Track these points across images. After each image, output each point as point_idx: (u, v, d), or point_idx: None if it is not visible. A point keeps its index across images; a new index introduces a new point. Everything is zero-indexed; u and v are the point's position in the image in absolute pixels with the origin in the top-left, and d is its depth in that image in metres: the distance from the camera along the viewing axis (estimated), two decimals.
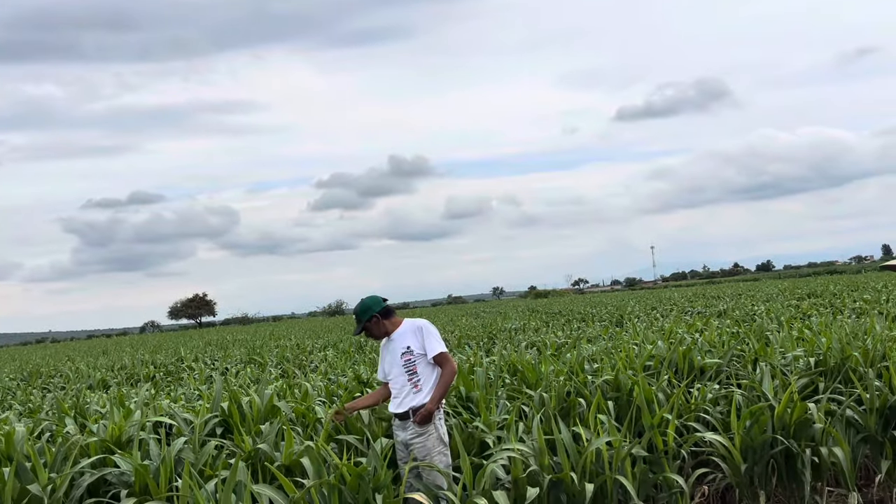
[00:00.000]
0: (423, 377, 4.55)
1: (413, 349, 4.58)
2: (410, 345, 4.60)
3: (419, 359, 4.57)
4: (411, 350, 4.58)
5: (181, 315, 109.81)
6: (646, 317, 19.17)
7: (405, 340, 4.63)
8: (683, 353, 6.73)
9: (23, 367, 21.34)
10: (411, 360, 4.57)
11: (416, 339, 4.61)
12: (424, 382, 4.54)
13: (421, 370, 4.56)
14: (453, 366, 4.63)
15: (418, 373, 4.56)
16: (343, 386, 7.24)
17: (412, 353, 4.58)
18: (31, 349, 52.40)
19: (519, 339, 13.99)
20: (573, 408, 5.40)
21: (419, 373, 4.56)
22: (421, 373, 4.56)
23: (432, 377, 4.55)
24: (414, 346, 4.59)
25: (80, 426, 5.85)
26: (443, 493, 4.14)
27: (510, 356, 7.66)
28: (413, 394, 4.54)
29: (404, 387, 4.58)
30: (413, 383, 4.55)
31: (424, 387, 4.53)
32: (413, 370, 4.56)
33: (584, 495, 4.11)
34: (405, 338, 4.65)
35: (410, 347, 4.59)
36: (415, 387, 4.55)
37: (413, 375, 4.56)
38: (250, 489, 3.82)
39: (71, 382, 14.50)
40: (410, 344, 4.60)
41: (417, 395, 4.53)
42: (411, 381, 4.56)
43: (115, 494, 4.44)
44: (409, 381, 4.56)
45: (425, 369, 4.56)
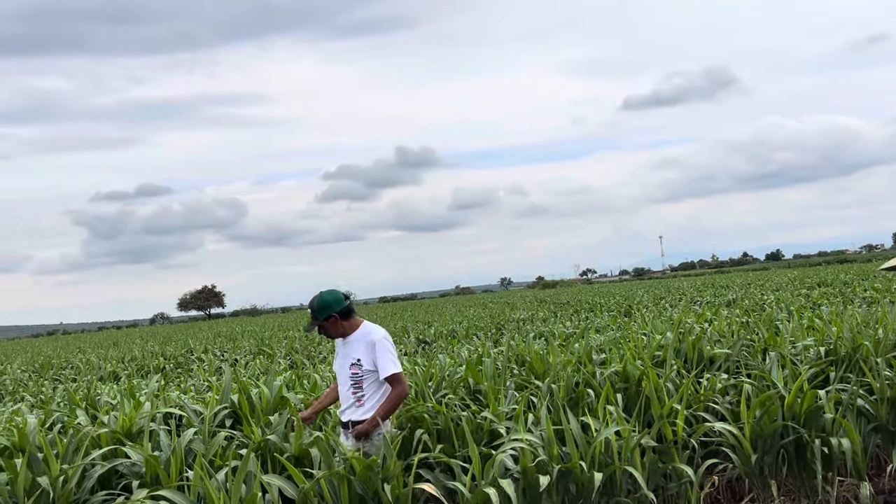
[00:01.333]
0: (367, 393, 4.31)
1: (363, 363, 4.30)
2: (361, 358, 4.31)
3: (367, 375, 4.31)
4: (360, 364, 4.31)
5: (190, 307, 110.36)
6: (654, 307, 19.13)
7: (357, 350, 4.33)
8: (692, 343, 6.71)
9: (34, 358, 21.51)
10: (358, 374, 4.32)
11: (368, 352, 4.31)
12: (368, 399, 4.31)
13: (367, 386, 4.31)
14: (404, 389, 4.34)
15: (363, 388, 4.32)
16: None
17: (361, 367, 4.31)
18: (43, 341, 52.80)
19: (527, 330, 13.99)
20: (582, 398, 5.39)
21: (364, 389, 4.32)
22: (366, 389, 4.31)
23: (378, 394, 4.31)
24: (364, 361, 4.30)
25: (92, 417, 5.89)
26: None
27: (518, 347, 7.66)
28: (355, 407, 4.34)
29: (347, 398, 4.37)
30: (357, 398, 4.33)
31: (367, 403, 4.31)
32: (359, 384, 4.32)
33: (593, 485, 4.11)
34: (358, 347, 4.34)
35: (360, 361, 4.31)
36: (357, 402, 4.33)
37: (358, 390, 4.32)
38: (260, 479, 3.84)
39: (82, 374, 14.61)
40: (361, 357, 4.31)
41: (358, 409, 4.32)
42: (355, 394, 4.33)
43: (127, 485, 4.47)
44: (352, 395, 4.34)
45: (371, 386, 4.31)
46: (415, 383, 5.86)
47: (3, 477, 4.25)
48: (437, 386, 5.91)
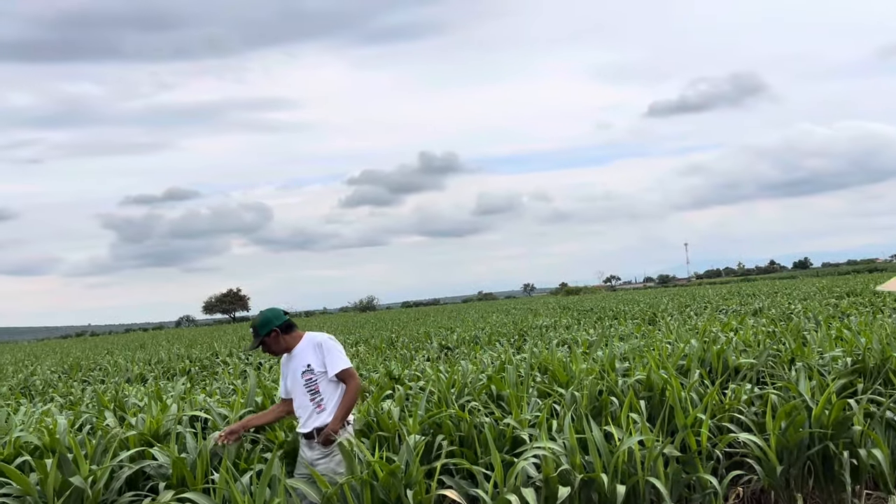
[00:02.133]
0: (325, 396, 4.30)
1: (314, 367, 4.30)
2: (311, 363, 4.31)
3: (321, 377, 4.30)
4: (312, 369, 4.30)
5: (215, 310, 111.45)
6: (679, 315, 18.97)
7: (305, 358, 4.34)
8: (717, 352, 6.65)
9: (63, 360, 21.89)
10: (312, 378, 4.30)
11: (316, 355, 4.32)
12: (328, 401, 4.29)
13: (323, 388, 4.30)
14: (357, 382, 4.34)
15: (321, 391, 4.30)
16: (375, 382, 7.31)
17: (313, 372, 4.30)
18: (71, 342, 53.68)
19: (550, 337, 13.94)
20: (605, 407, 5.37)
21: (321, 391, 4.30)
22: (324, 391, 4.30)
23: (336, 395, 4.30)
24: (314, 364, 4.30)
25: (120, 419, 6.00)
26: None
27: (541, 354, 7.65)
28: (317, 414, 4.30)
29: (306, 406, 4.33)
30: (316, 403, 4.30)
31: (328, 405, 4.28)
32: (315, 389, 4.30)
33: (616, 496, 4.09)
34: (305, 355, 4.35)
35: (311, 366, 4.30)
36: (318, 406, 4.29)
37: (315, 395, 4.30)
38: (284, 483, 3.88)
39: (110, 376, 14.83)
40: (311, 362, 4.31)
41: (321, 414, 4.28)
42: (314, 400, 4.30)
43: (154, 487, 4.54)
44: (311, 402, 4.31)
45: (328, 387, 4.30)
46: (437, 389, 5.88)
47: (34, 477, 4.34)
48: (460, 392, 5.92)
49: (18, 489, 4.24)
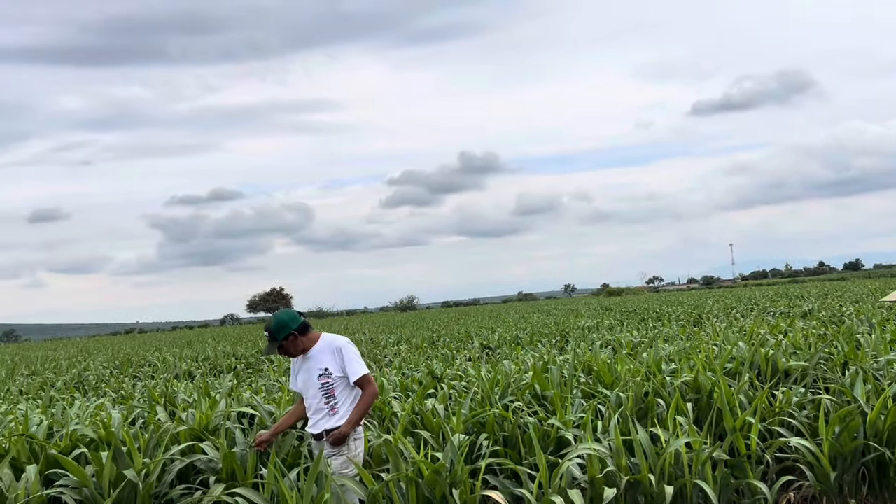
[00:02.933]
0: (340, 400, 4.26)
1: (332, 371, 4.26)
2: (329, 367, 4.26)
3: (338, 381, 4.26)
4: (329, 373, 4.26)
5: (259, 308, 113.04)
6: (725, 316, 18.61)
7: (323, 361, 4.29)
8: (766, 354, 6.52)
9: (114, 356, 22.47)
10: (329, 383, 4.26)
11: (334, 360, 4.27)
12: (342, 405, 4.26)
13: (339, 393, 4.26)
14: (375, 388, 4.31)
15: (336, 396, 4.26)
16: (417, 381, 7.34)
17: (330, 376, 4.26)
18: (121, 339, 55.08)
19: (592, 338, 13.82)
20: (651, 409, 5.31)
21: (337, 396, 4.26)
22: (339, 395, 4.26)
23: (350, 399, 4.27)
24: (332, 369, 4.26)
25: (170, 414, 6.14)
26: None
27: (585, 355, 7.59)
28: (329, 416, 4.27)
29: (321, 409, 4.30)
30: (330, 406, 4.27)
31: (341, 409, 4.26)
32: (331, 393, 4.26)
33: (663, 498, 4.04)
34: (323, 358, 4.30)
35: (329, 370, 4.26)
36: (331, 410, 4.26)
37: (330, 399, 4.27)
38: (331, 480, 3.93)
39: (159, 372, 15.18)
40: (329, 366, 4.26)
41: (333, 417, 4.26)
42: (328, 403, 4.27)
43: (204, 480, 4.64)
44: (325, 405, 4.28)
45: (343, 392, 4.27)
46: (480, 389, 5.89)
47: (90, 469, 4.48)
48: (503, 392, 5.91)
49: (75, 480, 4.38)
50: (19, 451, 4.84)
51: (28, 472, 4.33)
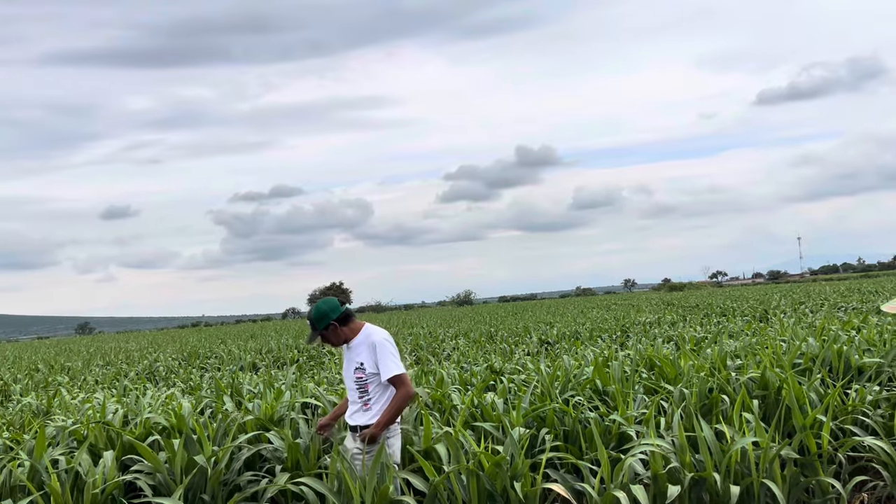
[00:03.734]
0: (373, 397, 4.21)
1: (366, 367, 4.21)
2: (364, 361, 4.22)
3: (371, 378, 4.21)
4: (364, 367, 4.21)
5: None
6: (793, 312, 18.03)
7: (360, 354, 4.25)
8: (838, 350, 6.30)
9: (182, 348, 23.23)
10: (363, 378, 4.22)
11: (370, 355, 4.21)
12: (374, 402, 4.20)
13: (372, 390, 4.21)
14: (409, 389, 4.17)
15: (369, 392, 4.22)
16: (476, 374, 7.37)
17: (364, 371, 4.22)
18: (188, 332, 56.85)
19: (654, 334, 13.59)
20: (715, 405, 5.20)
21: (370, 392, 4.21)
22: (372, 392, 4.21)
23: (384, 397, 4.20)
24: (367, 364, 4.20)
25: (237, 404, 6.32)
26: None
27: (646, 350, 7.48)
28: (363, 412, 4.23)
29: (355, 402, 4.28)
30: (363, 402, 4.23)
31: (374, 407, 4.20)
32: (364, 388, 4.22)
33: (729, 497, 3.96)
34: (361, 350, 4.26)
35: (363, 364, 4.21)
36: (364, 405, 4.22)
37: (364, 394, 4.23)
38: (392, 471, 3.98)
39: (225, 364, 15.63)
40: (364, 360, 4.22)
41: (366, 413, 4.22)
42: (361, 398, 4.24)
43: (270, 469, 4.77)
44: (359, 399, 4.25)
45: (377, 389, 4.21)
46: (540, 383, 5.87)
47: (163, 455, 4.66)
48: (564, 387, 5.88)
49: (150, 466, 4.56)
50: (97, 437, 5.06)
51: (105, 458, 4.53)
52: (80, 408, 6.59)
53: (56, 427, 5.40)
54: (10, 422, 6.42)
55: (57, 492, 4.16)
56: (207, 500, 4.49)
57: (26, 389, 12.20)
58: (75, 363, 18.63)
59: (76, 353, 25.99)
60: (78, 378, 14.10)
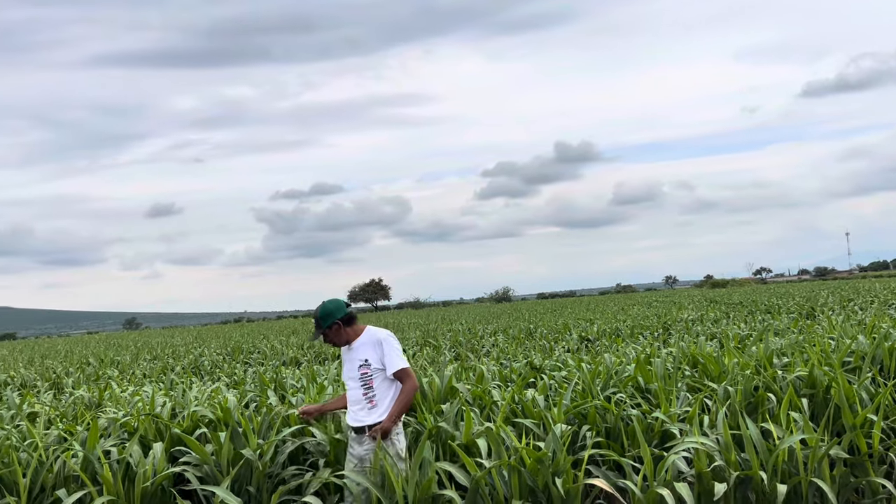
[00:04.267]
0: (378, 393, 4.28)
1: (371, 363, 4.29)
2: (369, 358, 4.30)
3: (377, 373, 4.29)
4: (369, 363, 4.29)
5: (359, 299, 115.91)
6: (841, 309, 17.58)
7: (364, 352, 4.33)
8: (889, 349, 6.13)
9: (226, 343, 23.65)
10: (368, 374, 4.30)
11: (375, 352, 4.31)
12: (380, 399, 4.27)
13: (377, 385, 4.29)
14: (414, 382, 4.31)
15: (374, 388, 4.29)
16: (516, 371, 7.36)
17: (369, 367, 4.29)
18: (231, 327, 57.85)
19: (697, 331, 13.39)
20: (761, 404, 5.11)
21: (375, 388, 4.29)
22: (377, 388, 4.28)
23: (389, 393, 4.28)
24: (372, 360, 4.29)
25: (280, 398, 6.43)
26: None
27: (689, 347, 7.38)
28: (368, 410, 4.28)
29: (359, 401, 4.32)
30: (368, 399, 4.29)
31: (380, 403, 4.26)
32: (369, 385, 4.29)
33: (776, 496, 3.89)
34: (364, 349, 4.34)
35: (368, 361, 4.30)
36: (370, 402, 4.28)
37: (369, 390, 4.29)
38: (434, 466, 4.01)
39: (268, 359, 15.88)
40: (369, 357, 4.30)
41: (372, 411, 4.27)
42: (366, 396, 4.29)
43: (313, 462, 4.84)
44: (363, 396, 4.30)
45: (382, 384, 4.29)
46: (581, 380, 5.84)
47: (210, 447, 4.76)
48: (605, 384, 5.84)
49: (197, 458, 4.67)
50: (146, 429, 5.20)
51: (155, 450, 4.65)
52: (130, 400, 6.77)
53: (107, 419, 5.56)
54: (64, 413, 6.63)
55: (109, 482, 4.29)
56: (253, 492, 4.58)
57: (78, 382, 12.57)
58: (124, 357, 19.12)
59: (124, 347, 26.67)
60: (127, 372, 14.47)
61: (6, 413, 6.60)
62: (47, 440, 5.04)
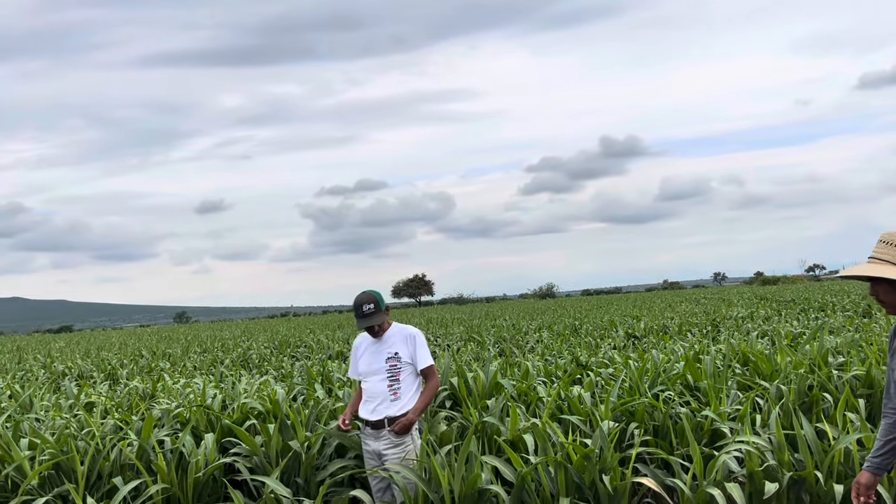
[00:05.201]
0: (403, 386, 4.31)
1: (402, 356, 4.33)
2: (399, 351, 4.34)
3: (405, 367, 4.33)
4: (399, 357, 4.33)
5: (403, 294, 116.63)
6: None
7: (394, 346, 4.37)
8: None
9: (273, 337, 24.05)
10: (397, 366, 4.32)
11: (406, 346, 4.35)
12: (404, 392, 4.29)
13: (403, 378, 4.32)
14: (438, 381, 4.41)
15: (400, 381, 4.31)
16: (561, 367, 7.31)
17: (399, 360, 4.33)
18: (277, 322, 58.80)
19: (747, 328, 13.10)
20: (816, 403, 4.98)
21: (401, 381, 4.31)
22: (403, 381, 4.31)
23: (412, 388, 4.32)
24: (403, 354, 4.34)
25: (327, 391, 6.51)
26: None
27: (740, 345, 7.23)
28: (391, 401, 4.29)
29: (381, 393, 4.31)
30: (392, 391, 4.30)
31: (403, 396, 4.28)
32: (396, 377, 4.32)
33: (832, 496, 3.79)
34: (394, 343, 4.37)
35: (399, 354, 4.34)
36: (393, 394, 4.29)
37: (395, 383, 4.31)
38: (480, 460, 4.01)
39: (314, 352, 16.09)
40: (399, 351, 4.34)
41: (395, 403, 4.28)
42: (391, 388, 4.30)
43: (358, 455, 4.89)
44: (388, 388, 4.30)
45: (407, 378, 4.33)
46: (628, 377, 5.77)
47: (259, 439, 4.85)
48: (653, 381, 5.76)
49: (247, 449, 4.77)
50: (198, 420, 5.32)
51: (206, 440, 4.76)
52: (182, 392, 6.94)
53: (161, 410, 5.71)
54: (119, 404, 6.83)
55: (163, 470, 4.40)
56: (301, 484, 4.66)
57: (132, 374, 12.94)
58: (175, 350, 19.60)
59: (175, 340, 27.34)
60: (178, 364, 14.83)
61: (65, 402, 6.84)
62: (104, 429, 5.20)
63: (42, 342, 36.84)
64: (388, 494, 4.29)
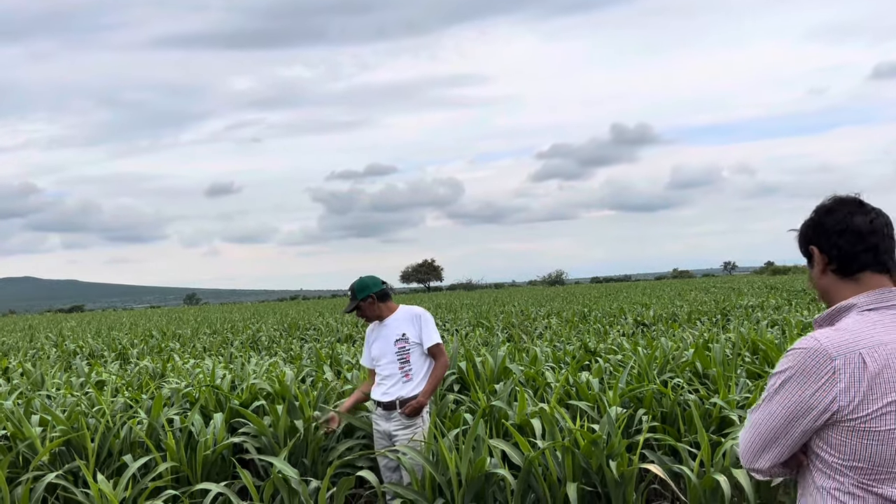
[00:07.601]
0: (414, 367, 4.32)
1: (409, 337, 4.35)
2: (406, 332, 4.35)
3: (414, 347, 4.34)
4: (406, 338, 4.35)
5: (411, 279, 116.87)
6: None
7: (401, 327, 4.38)
8: None
9: (282, 319, 24.16)
10: (406, 347, 4.34)
11: (413, 326, 4.36)
12: (415, 372, 4.32)
13: (414, 359, 4.33)
14: (447, 359, 4.42)
15: (411, 362, 4.33)
16: (570, 353, 7.31)
17: (407, 341, 4.34)
18: (287, 304, 59.05)
19: (757, 317, 13.05)
20: None
21: (412, 362, 4.33)
22: (413, 362, 4.33)
23: (423, 368, 4.34)
24: (410, 334, 4.35)
25: (335, 373, 6.54)
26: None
27: (749, 333, 7.20)
28: (402, 383, 4.31)
29: (393, 375, 4.34)
30: (404, 372, 4.32)
31: (415, 377, 4.31)
32: (406, 359, 4.34)
33: None
34: (401, 324, 4.39)
35: (406, 335, 4.35)
36: (405, 376, 4.32)
37: (405, 364, 4.33)
38: (488, 443, 4.02)
39: (323, 335, 16.15)
40: (406, 331, 4.35)
41: (407, 384, 4.30)
42: (402, 369, 4.32)
43: (367, 435, 4.91)
44: (399, 370, 4.33)
45: (418, 359, 4.34)
46: (637, 364, 5.76)
47: (267, 420, 4.88)
48: (661, 368, 5.75)
49: (255, 429, 4.79)
50: (207, 400, 5.36)
51: (215, 420, 4.79)
52: (192, 372, 6.98)
53: (170, 389, 5.74)
54: (129, 383, 6.88)
55: (172, 449, 4.44)
56: (308, 465, 4.68)
57: (142, 354, 13.03)
58: (185, 331, 19.72)
59: (185, 321, 27.51)
60: (188, 345, 14.93)
61: (76, 381, 6.90)
62: (114, 407, 5.24)
63: (54, 321, 37.16)
64: (397, 475, 4.32)
